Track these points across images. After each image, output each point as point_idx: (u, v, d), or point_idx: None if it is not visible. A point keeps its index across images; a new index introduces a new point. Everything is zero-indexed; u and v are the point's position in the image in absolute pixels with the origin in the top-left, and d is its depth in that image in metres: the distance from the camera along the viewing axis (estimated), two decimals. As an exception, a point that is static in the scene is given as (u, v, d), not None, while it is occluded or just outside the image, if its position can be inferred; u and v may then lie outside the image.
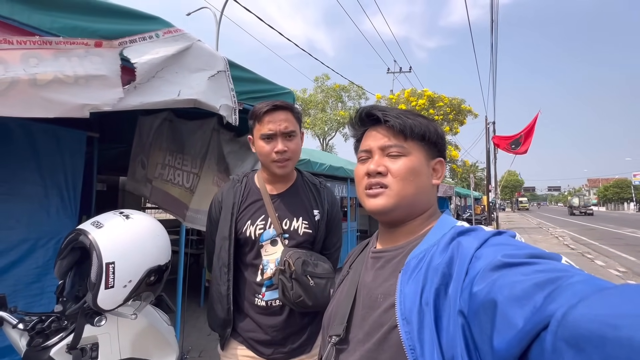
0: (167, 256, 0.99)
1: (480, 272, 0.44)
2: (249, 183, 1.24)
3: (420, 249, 0.58)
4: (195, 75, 1.22)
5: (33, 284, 2.22)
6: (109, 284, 0.82)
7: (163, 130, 2.48)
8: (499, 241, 0.49)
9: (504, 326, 0.37)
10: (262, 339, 1.15)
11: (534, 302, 0.35)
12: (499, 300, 0.38)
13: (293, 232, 1.18)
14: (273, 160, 1.14)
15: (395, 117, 0.64)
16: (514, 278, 0.39)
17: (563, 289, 0.34)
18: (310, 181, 1.30)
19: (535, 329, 0.33)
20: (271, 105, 1.13)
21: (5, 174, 2.11)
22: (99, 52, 0.91)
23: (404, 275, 0.55)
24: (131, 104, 1.04)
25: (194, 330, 3.38)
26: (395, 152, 0.63)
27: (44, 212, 2.32)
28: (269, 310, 1.15)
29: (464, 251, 0.49)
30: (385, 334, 0.54)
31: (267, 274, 1.15)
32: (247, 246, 1.18)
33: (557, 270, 0.38)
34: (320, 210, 1.25)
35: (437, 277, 0.50)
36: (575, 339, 0.29)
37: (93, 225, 0.87)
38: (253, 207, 1.19)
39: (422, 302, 0.50)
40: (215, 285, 1.17)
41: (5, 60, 0.73)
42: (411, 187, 0.62)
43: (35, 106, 0.81)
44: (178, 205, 2.37)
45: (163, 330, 1.22)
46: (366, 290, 0.64)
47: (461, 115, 18.10)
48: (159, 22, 1.12)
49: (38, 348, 0.94)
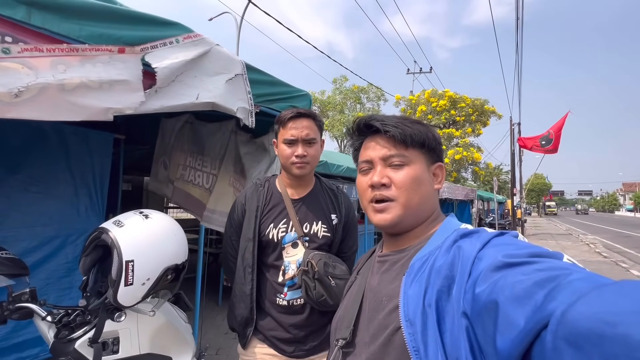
0: (184, 255, 1.01)
1: (482, 273, 0.44)
2: (271, 187, 1.30)
3: (424, 252, 0.58)
4: (214, 78, 1.25)
5: (63, 278, 2.35)
6: (128, 281, 0.86)
7: (184, 132, 2.56)
8: (501, 242, 0.49)
9: (506, 326, 0.36)
10: (283, 337, 1.20)
11: (535, 301, 0.35)
12: (500, 300, 0.38)
13: (313, 235, 1.24)
14: (292, 162, 1.20)
15: (394, 127, 0.64)
16: (515, 278, 0.39)
17: (562, 287, 0.34)
18: (328, 187, 1.36)
19: (535, 328, 0.33)
20: (295, 112, 1.21)
21: (40, 174, 2.25)
22: (122, 58, 0.95)
23: (408, 278, 0.56)
24: (152, 107, 1.07)
25: (212, 328, 3.45)
26: (397, 162, 0.64)
27: (74, 210, 2.45)
28: (290, 309, 1.20)
29: (467, 253, 0.49)
30: (390, 335, 0.55)
31: (288, 275, 1.21)
32: (270, 248, 1.23)
33: (557, 269, 0.38)
34: (337, 214, 1.31)
35: (440, 278, 0.50)
36: (574, 338, 0.29)
37: (114, 224, 0.91)
38: (275, 210, 1.25)
39: (425, 304, 0.50)
40: (239, 285, 1.22)
41: (37, 67, 0.78)
42: (416, 197, 0.63)
43: (63, 110, 0.86)
44: (198, 206, 2.43)
45: (181, 327, 1.25)
46: (372, 294, 0.64)
47: (484, 117, 17.56)
48: (179, 28, 1.15)
49: (64, 340, 0.98)
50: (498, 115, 17.91)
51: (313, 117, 1.23)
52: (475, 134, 17.53)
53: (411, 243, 0.64)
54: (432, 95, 17.83)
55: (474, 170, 18.56)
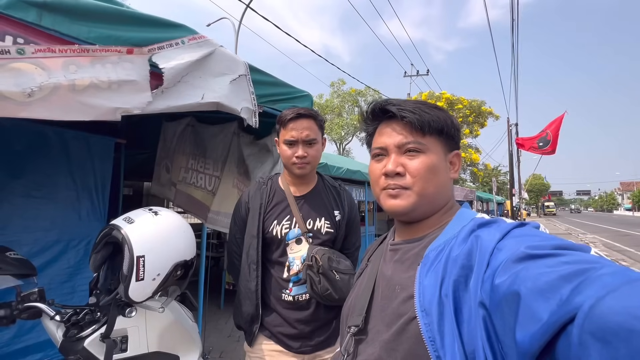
0: (193, 252, 1.02)
1: (502, 263, 0.43)
2: (274, 185, 1.32)
3: (440, 241, 0.57)
4: (218, 79, 1.27)
5: (65, 283, 2.34)
6: (139, 277, 0.86)
7: (186, 135, 2.57)
8: (522, 232, 0.48)
9: (528, 319, 0.36)
10: (289, 333, 1.20)
11: (560, 294, 0.34)
12: (522, 292, 0.37)
13: (316, 231, 1.26)
14: (293, 163, 1.22)
15: (411, 112, 0.61)
16: (539, 270, 0.38)
17: (591, 281, 0.33)
18: (330, 184, 1.38)
19: (559, 322, 0.33)
20: (295, 113, 1.22)
21: (42, 179, 2.25)
22: (130, 59, 0.97)
23: (423, 268, 0.54)
24: (159, 107, 1.09)
25: (214, 331, 3.44)
26: (414, 150, 0.61)
27: (76, 214, 2.45)
28: (296, 305, 1.21)
29: (485, 243, 0.48)
30: (404, 325, 0.54)
31: (293, 271, 1.22)
32: (274, 244, 1.24)
33: (586, 262, 0.37)
34: (340, 210, 1.32)
35: (457, 268, 0.49)
36: (602, 332, 0.28)
37: (125, 221, 0.92)
38: (279, 207, 1.27)
39: (442, 294, 0.49)
40: (244, 282, 1.23)
41: (49, 67, 0.80)
42: (431, 186, 0.60)
43: (73, 110, 0.88)
44: (201, 208, 2.44)
45: (188, 326, 1.25)
46: (385, 282, 0.63)
47: (482, 118, 17.66)
48: (185, 30, 1.17)
49: (73, 339, 0.99)
50: (495, 116, 18.02)
51: (314, 117, 1.25)
52: (473, 135, 17.62)
53: (425, 232, 0.63)
54: (429, 97, 17.93)
55: (473, 171, 18.61)
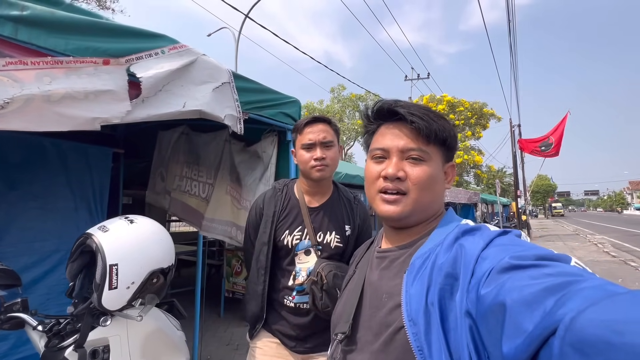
0: (171, 259, 1.02)
1: (487, 273, 0.43)
2: (289, 193, 1.33)
3: (425, 249, 0.57)
4: (200, 87, 1.28)
5: (63, 293, 2.35)
6: (112, 285, 0.86)
7: (180, 143, 2.60)
8: (505, 241, 0.48)
9: (513, 331, 0.36)
10: (287, 333, 1.25)
11: (544, 307, 0.34)
12: (507, 304, 0.38)
13: (326, 244, 1.27)
14: (312, 166, 1.22)
15: (421, 118, 0.59)
16: (523, 282, 0.38)
17: (573, 294, 0.33)
18: (345, 196, 1.38)
19: (543, 334, 0.33)
20: (311, 118, 1.25)
21: (40, 190, 2.28)
22: (107, 70, 0.98)
23: (409, 276, 0.54)
24: (139, 116, 1.10)
25: (213, 339, 3.42)
26: (417, 157, 0.60)
27: (74, 225, 2.46)
28: (297, 311, 1.25)
29: (469, 251, 0.48)
30: (392, 334, 0.54)
31: (298, 280, 1.25)
32: (283, 252, 1.27)
33: (568, 275, 0.37)
34: (351, 225, 1.32)
35: (442, 276, 0.49)
36: (581, 344, 0.29)
37: (99, 229, 0.92)
38: (291, 217, 1.28)
39: (428, 303, 0.49)
40: (253, 285, 1.28)
41: (22, 79, 0.81)
42: (428, 195, 0.60)
43: (50, 121, 0.89)
44: (195, 215, 2.45)
45: (173, 335, 1.24)
46: (372, 289, 0.63)
47: (484, 119, 17.58)
48: (165, 40, 1.19)
49: (54, 349, 0.99)
50: (497, 118, 17.93)
51: (329, 122, 1.27)
52: (475, 137, 17.52)
53: (412, 238, 0.63)
54: (430, 100, 17.91)
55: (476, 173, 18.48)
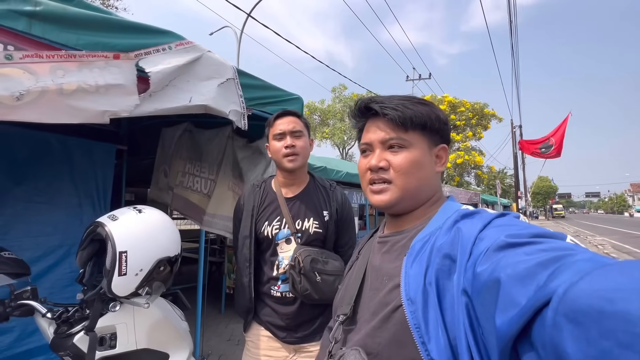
0: (177, 249, 1.05)
1: (484, 252, 0.44)
2: (267, 188, 1.38)
3: (425, 233, 0.59)
4: (206, 83, 1.31)
5: (67, 287, 2.38)
6: (122, 271, 0.89)
7: (183, 140, 2.63)
8: (503, 222, 0.50)
9: (507, 305, 0.37)
10: (278, 324, 1.28)
11: (537, 280, 0.35)
12: (502, 279, 0.38)
13: (305, 231, 1.30)
14: (284, 155, 1.27)
15: (393, 109, 0.62)
16: (518, 258, 0.39)
17: (566, 266, 0.34)
18: (321, 184, 1.43)
19: (536, 305, 0.34)
20: (281, 112, 1.32)
21: (44, 185, 2.31)
22: (117, 64, 1.01)
23: (409, 258, 0.56)
24: (147, 110, 1.13)
25: (214, 335, 3.45)
26: (396, 145, 0.63)
27: (78, 220, 2.50)
28: (283, 300, 1.28)
29: (468, 233, 0.49)
30: (390, 312, 0.55)
31: (281, 269, 1.28)
32: (265, 244, 1.31)
33: (561, 249, 0.38)
34: (329, 210, 1.36)
35: (440, 257, 0.51)
36: (574, 314, 0.30)
37: (109, 218, 0.95)
38: (270, 208, 1.33)
39: (426, 282, 0.51)
40: (239, 278, 1.32)
41: (37, 72, 0.84)
42: (414, 180, 0.62)
43: (62, 113, 0.92)
44: (197, 211, 2.48)
45: (178, 324, 1.27)
46: (374, 273, 0.65)
47: (485, 120, 17.60)
48: (172, 36, 1.22)
49: (63, 335, 1.01)
50: (499, 119, 17.94)
51: (298, 115, 1.33)
52: (476, 137, 17.54)
53: (412, 224, 0.65)
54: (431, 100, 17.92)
55: (477, 174, 18.48)
